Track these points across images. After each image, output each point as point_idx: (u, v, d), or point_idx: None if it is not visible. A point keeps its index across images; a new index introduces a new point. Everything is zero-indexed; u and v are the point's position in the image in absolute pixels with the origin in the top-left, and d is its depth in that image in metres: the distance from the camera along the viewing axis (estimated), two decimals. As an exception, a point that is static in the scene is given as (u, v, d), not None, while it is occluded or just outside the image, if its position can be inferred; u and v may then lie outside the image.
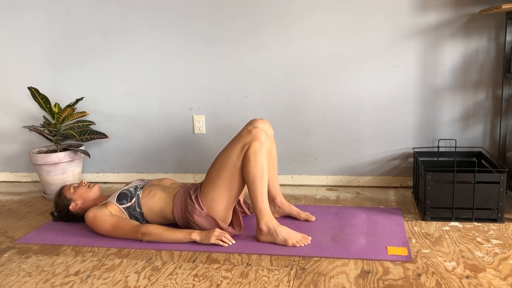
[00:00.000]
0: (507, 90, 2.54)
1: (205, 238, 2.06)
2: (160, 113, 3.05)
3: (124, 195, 2.25)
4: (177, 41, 2.92)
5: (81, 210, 2.37)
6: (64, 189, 2.42)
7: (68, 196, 2.37)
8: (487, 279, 1.71)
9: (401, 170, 2.84)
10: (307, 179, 2.97)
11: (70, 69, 3.10)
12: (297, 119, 2.89)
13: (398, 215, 2.37)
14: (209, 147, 3.03)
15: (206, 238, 2.05)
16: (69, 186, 2.42)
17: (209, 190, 2.11)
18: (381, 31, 2.68)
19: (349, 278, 1.75)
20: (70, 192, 2.38)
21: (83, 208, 2.37)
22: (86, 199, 2.37)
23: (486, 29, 2.58)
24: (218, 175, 2.09)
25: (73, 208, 2.35)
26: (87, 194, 2.38)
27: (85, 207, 2.37)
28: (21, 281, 1.83)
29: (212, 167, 2.14)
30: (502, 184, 2.20)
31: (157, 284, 1.77)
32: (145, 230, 2.10)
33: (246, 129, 2.08)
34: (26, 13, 3.06)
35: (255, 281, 1.76)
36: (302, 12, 2.74)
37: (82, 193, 2.37)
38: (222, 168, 2.09)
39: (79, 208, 2.36)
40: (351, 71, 2.76)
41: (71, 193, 2.37)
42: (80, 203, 2.36)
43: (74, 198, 2.36)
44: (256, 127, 2.08)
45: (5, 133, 3.30)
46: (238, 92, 2.92)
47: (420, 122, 2.75)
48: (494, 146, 2.70)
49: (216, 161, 2.13)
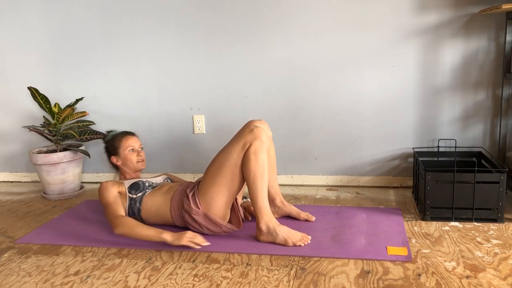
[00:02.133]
0: (507, 90, 2.54)
1: (176, 239, 2.00)
2: (160, 113, 3.05)
3: (137, 185, 2.28)
4: (177, 41, 2.92)
5: (118, 167, 2.47)
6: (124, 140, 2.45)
7: (119, 149, 2.44)
8: (487, 279, 1.71)
9: (401, 170, 2.85)
10: (307, 179, 2.97)
11: (70, 69, 3.10)
12: (297, 119, 2.89)
13: (398, 215, 2.37)
14: (209, 147, 3.03)
15: (177, 240, 2.00)
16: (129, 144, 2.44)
17: (207, 188, 2.11)
18: (381, 31, 2.68)
19: (349, 278, 1.75)
20: (125, 148, 2.43)
21: (120, 167, 2.46)
22: (127, 165, 2.45)
23: (486, 29, 2.58)
24: (218, 173, 2.09)
25: (113, 161, 2.46)
26: (132, 164, 2.44)
27: (122, 171, 2.46)
28: (21, 281, 1.83)
29: (211, 165, 2.14)
30: (502, 184, 2.20)
31: (157, 284, 1.77)
32: (121, 220, 2.08)
33: (248, 128, 2.09)
34: (26, 13, 3.06)
35: (255, 281, 1.76)
36: (302, 12, 2.74)
37: (130, 158, 2.43)
38: (222, 166, 2.09)
39: (117, 164, 2.46)
40: (351, 71, 2.76)
41: (124, 149, 2.43)
42: (121, 163, 2.44)
43: (122, 155, 2.43)
44: (257, 126, 2.09)
45: (5, 133, 3.30)
46: (238, 92, 2.92)
47: (420, 122, 2.75)
48: (494, 146, 2.70)
49: (216, 160, 2.13)
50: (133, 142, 2.46)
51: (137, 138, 2.50)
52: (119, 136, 2.47)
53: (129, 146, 2.44)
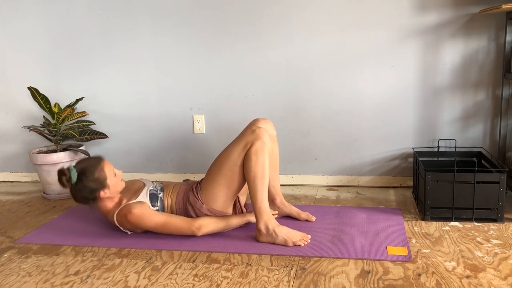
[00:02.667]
0: (507, 90, 2.54)
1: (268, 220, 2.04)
2: (160, 113, 3.05)
3: (154, 196, 2.16)
4: (177, 41, 2.92)
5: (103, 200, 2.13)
6: (106, 167, 2.08)
7: (107, 180, 2.07)
8: (487, 279, 1.71)
9: (401, 170, 2.84)
10: (307, 179, 2.97)
11: (70, 69, 3.10)
12: (297, 119, 2.88)
13: (398, 215, 2.37)
14: (209, 147, 3.03)
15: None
16: (111, 168, 2.10)
17: (208, 186, 2.13)
18: (381, 31, 2.68)
19: (349, 278, 1.75)
20: (111, 175, 2.09)
21: (102, 200, 2.12)
22: (115, 191, 2.12)
23: (486, 29, 2.58)
24: (218, 172, 2.11)
25: (102, 195, 2.08)
26: (119, 187, 2.14)
27: (105, 200, 2.13)
28: (21, 281, 1.83)
29: (213, 164, 2.16)
30: (502, 184, 2.20)
31: (157, 284, 1.77)
32: (200, 222, 2.08)
33: (250, 128, 2.11)
34: (26, 13, 3.06)
35: (255, 281, 1.76)
36: (302, 12, 2.74)
37: (117, 184, 2.13)
38: (222, 165, 2.10)
39: (104, 197, 2.10)
40: (351, 71, 2.76)
41: (111, 178, 2.09)
42: (109, 193, 2.10)
43: (112, 184, 2.10)
44: (260, 127, 2.10)
45: (5, 133, 3.30)
46: (238, 92, 2.92)
47: (420, 122, 2.75)
48: (494, 146, 2.70)
49: (218, 159, 2.15)
50: (110, 164, 2.13)
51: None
52: (97, 167, 2.07)
53: (112, 171, 2.12)
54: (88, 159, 2.12)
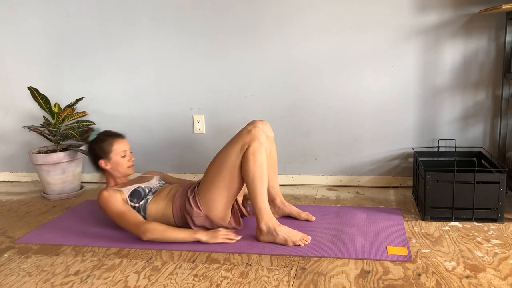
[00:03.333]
0: (507, 90, 2.54)
1: (211, 238, 2.05)
2: (160, 113, 3.05)
3: (138, 193, 2.19)
4: (177, 41, 2.92)
5: (104, 170, 2.30)
6: (117, 144, 2.28)
7: (111, 153, 2.27)
8: (487, 279, 1.71)
9: (401, 170, 2.85)
10: (307, 179, 2.97)
11: (70, 69, 3.10)
12: (297, 119, 2.88)
13: (398, 215, 2.37)
14: (209, 147, 3.03)
15: (213, 238, 2.05)
16: (123, 148, 2.29)
17: (207, 190, 2.11)
18: (381, 31, 2.68)
19: (349, 278, 1.75)
20: (117, 153, 2.27)
21: (107, 171, 2.30)
22: (117, 170, 2.30)
23: (486, 29, 2.58)
24: (217, 175, 2.09)
25: (101, 164, 2.27)
26: (123, 169, 2.30)
27: (109, 174, 2.31)
28: (21, 281, 1.83)
29: (211, 167, 2.14)
30: (502, 184, 2.20)
31: (157, 284, 1.77)
32: (148, 226, 2.06)
33: (246, 129, 2.09)
34: (26, 13, 3.06)
35: (255, 281, 1.76)
36: (302, 12, 2.74)
37: (121, 163, 2.29)
38: (221, 168, 2.09)
39: (106, 168, 2.28)
40: (351, 71, 2.76)
41: (116, 154, 2.27)
42: (110, 167, 2.28)
43: (113, 160, 2.28)
44: (256, 127, 2.08)
45: (5, 133, 3.30)
46: (238, 92, 2.92)
47: (420, 122, 2.75)
48: (494, 146, 2.70)
49: (215, 161, 2.13)
50: (125, 146, 2.32)
51: (127, 142, 2.36)
52: (110, 139, 2.29)
53: (122, 151, 2.30)
54: (112, 132, 2.35)
